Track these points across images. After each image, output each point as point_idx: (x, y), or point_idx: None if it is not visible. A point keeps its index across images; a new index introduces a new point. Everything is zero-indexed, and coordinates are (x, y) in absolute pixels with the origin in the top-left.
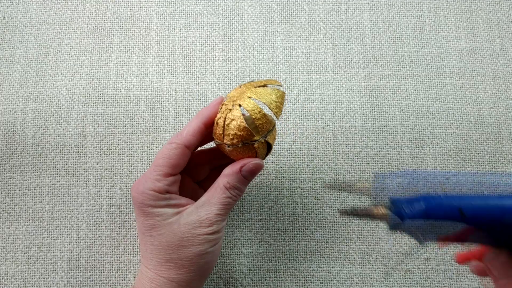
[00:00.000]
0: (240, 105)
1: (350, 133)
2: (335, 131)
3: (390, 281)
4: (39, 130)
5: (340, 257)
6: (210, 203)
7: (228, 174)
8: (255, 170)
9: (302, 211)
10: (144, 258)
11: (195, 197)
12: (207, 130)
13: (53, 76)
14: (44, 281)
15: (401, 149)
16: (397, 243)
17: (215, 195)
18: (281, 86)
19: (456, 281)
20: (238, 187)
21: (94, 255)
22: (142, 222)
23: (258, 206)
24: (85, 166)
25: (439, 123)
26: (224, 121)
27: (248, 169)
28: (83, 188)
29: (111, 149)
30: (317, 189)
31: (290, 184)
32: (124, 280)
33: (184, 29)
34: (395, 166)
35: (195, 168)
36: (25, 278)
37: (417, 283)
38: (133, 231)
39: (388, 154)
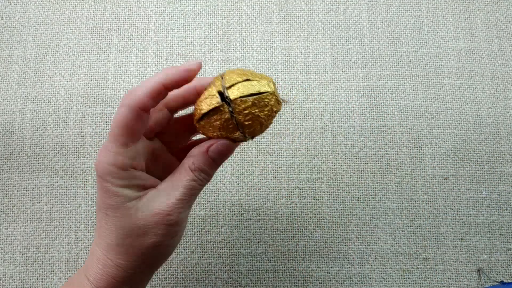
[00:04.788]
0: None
1: (348, 133)
2: (334, 131)
3: (389, 281)
4: (37, 130)
5: (339, 257)
6: (172, 187)
7: (194, 155)
8: (225, 151)
9: (301, 211)
10: (97, 234)
11: (168, 171)
12: (167, 93)
13: (52, 76)
14: (42, 282)
15: (399, 149)
16: (396, 243)
17: (178, 177)
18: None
19: (455, 281)
20: (205, 169)
21: None
22: (100, 197)
23: (257, 206)
24: (84, 166)
25: (438, 123)
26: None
27: (217, 150)
28: (82, 189)
29: None
30: (315, 189)
31: (289, 184)
32: None
33: (183, 29)
34: (394, 166)
35: (174, 136)
36: (23, 279)
37: (415, 283)
38: None
39: (387, 154)
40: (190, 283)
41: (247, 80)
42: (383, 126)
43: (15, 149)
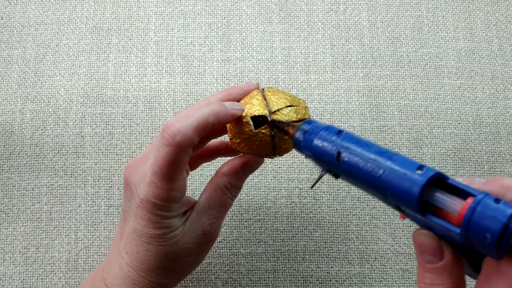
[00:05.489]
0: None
1: None
2: None
3: (389, 281)
4: (37, 130)
5: (339, 257)
6: (210, 207)
7: (228, 174)
8: (256, 167)
9: (301, 211)
10: (132, 257)
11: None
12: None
13: (51, 76)
14: (42, 282)
15: (399, 149)
16: (396, 243)
17: (215, 196)
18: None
19: None
20: (238, 185)
21: (93, 255)
22: (142, 226)
23: (257, 206)
24: (84, 166)
25: (438, 123)
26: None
27: (250, 167)
28: (82, 189)
29: (110, 150)
30: (315, 190)
31: (289, 184)
32: None
33: (183, 29)
34: None
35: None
36: (23, 279)
37: (416, 283)
38: None
39: None
40: (190, 283)
41: (290, 106)
42: (383, 126)
43: (15, 149)
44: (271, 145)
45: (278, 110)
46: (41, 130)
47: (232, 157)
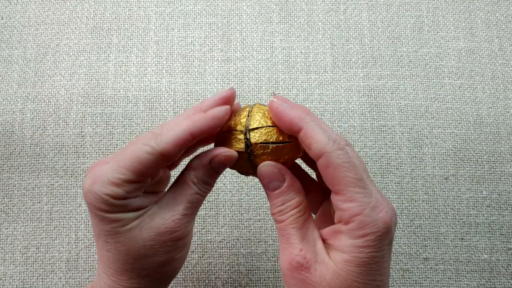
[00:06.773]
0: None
1: (349, 133)
2: (334, 131)
3: (389, 280)
4: (37, 130)
5: None
6: (175, 202)
7: (195, 167)
8: (227, 162)
9: None
10: (101, 262)
11: (160, 181)
12: (193, 142)
13: (52, 76)
14: (42, 281)
15: (400, 149)
16: (396, 243)
17: (180, 191)
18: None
19: (455, 281)
20: (207, 181)
21: (93, 255)
22: (95, 225)
23: (257, 206)
24: (84, 166)
25: (438, 123)
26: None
27: (220, 162)
28: (82, 189)
29: (110, 150)
30: None
31: None
32: None
33: (183, 29)
34: (394, 166)
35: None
36: (24, 279)
37: (416, 283)
38: None
39: (387, 154)
40: (190, 283)
41: (272, 126)
42: (383, 126)
43: (15, 149)
44: (249, 163)
45: (256, 128)
46: (42, 130)
47: (206, 150)
